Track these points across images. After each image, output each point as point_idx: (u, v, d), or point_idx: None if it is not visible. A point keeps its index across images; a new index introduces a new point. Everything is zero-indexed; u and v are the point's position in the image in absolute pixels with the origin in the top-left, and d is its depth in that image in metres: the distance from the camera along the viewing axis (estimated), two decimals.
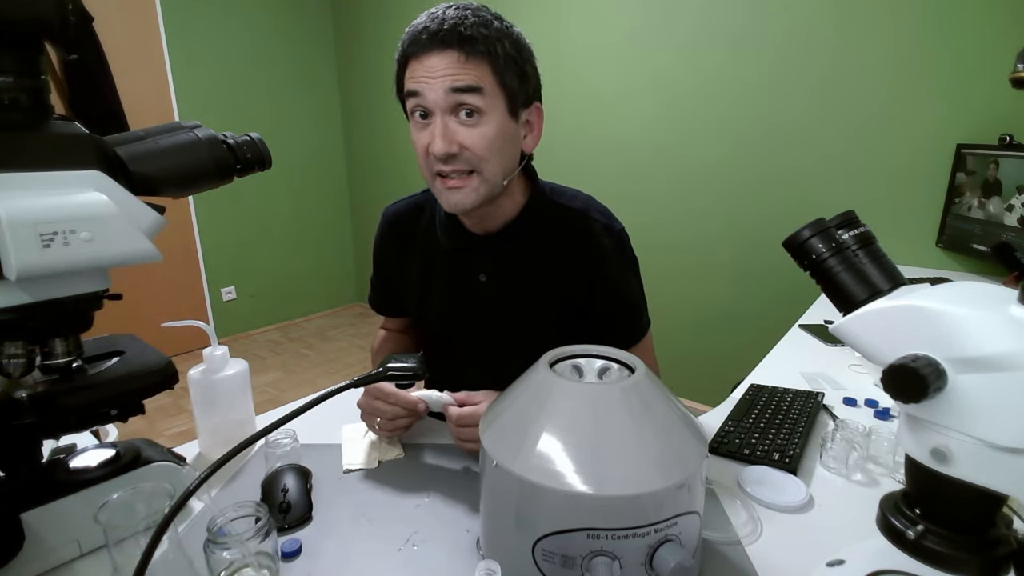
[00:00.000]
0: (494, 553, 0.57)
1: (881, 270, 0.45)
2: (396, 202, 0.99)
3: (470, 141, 0.75)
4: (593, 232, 0.89)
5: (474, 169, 0.77)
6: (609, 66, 2.59)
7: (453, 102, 0.74)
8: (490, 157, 0.77)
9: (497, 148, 0.77)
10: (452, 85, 0.73)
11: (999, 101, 1.75)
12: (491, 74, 0.75)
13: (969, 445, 0.38)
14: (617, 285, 0.92)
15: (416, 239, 0.95)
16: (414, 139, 0.80)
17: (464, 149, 0.76)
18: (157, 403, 2.64)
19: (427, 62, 0.74)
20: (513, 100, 0.78)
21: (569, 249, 0.89)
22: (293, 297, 3.99)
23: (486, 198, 0.80)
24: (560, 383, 0.55)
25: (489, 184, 0.79)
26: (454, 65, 0.73)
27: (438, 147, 0.75)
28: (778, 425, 0.88)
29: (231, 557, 0.52)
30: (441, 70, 0.73)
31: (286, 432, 0.75)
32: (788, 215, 2.23)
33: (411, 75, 0.76)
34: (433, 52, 0.73)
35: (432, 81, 0.73)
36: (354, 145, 4.06)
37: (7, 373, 0.54)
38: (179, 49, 3.20)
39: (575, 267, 0.89)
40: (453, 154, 0.75)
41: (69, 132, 0.52)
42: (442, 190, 0.79)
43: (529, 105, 0.82)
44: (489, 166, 0.77)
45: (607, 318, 0.92)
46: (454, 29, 0.73)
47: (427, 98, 0.74)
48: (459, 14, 0.74)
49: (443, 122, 0.75)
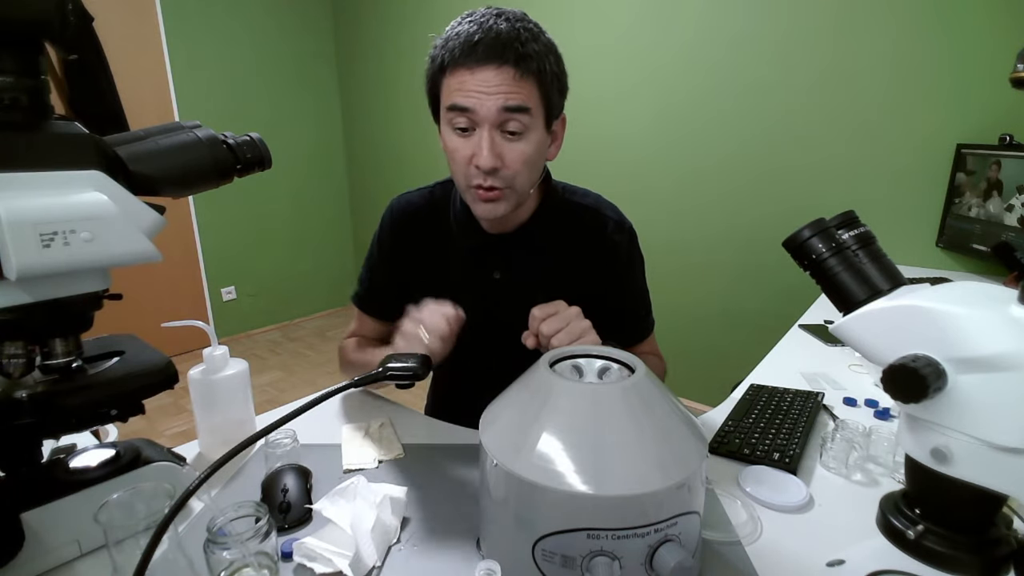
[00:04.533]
0: (494, 553, 0.57)
1: (881, 270, 0.45)
2: (406, 193, 0.98)
3: (510, 158, 0.76)
4: (606, 229, 0.91)
5: (509, 185, 0.78)
6: (609, 66, 2.59)
7: (502, 119, 0.74)
8: (525, 172, 0.78)
9: (532, 163, 0.79)
10: (505, 104, 0.73)
11: (999, 101, 1.75)
12: (538, 93, 0.75)
13: (969, 445, 0.38)
14: (629, 281, 0.95)
15: (427, 232, 0.94)
16: (451, 146, 0.78)
17: (503, 166, 0.76)
18: (157, 403, 2.64)
19: (480, 75, 0.72)
20: (550, 115, 0.79)
21: (583, 245, 0.90)
22: (293, 297, 3.99)
23: (515, 208, 0.82)
24: (560, 383, 0.55)
25: (519, 195, 0.81)
26: (508, 82, 0.73)
27: (486, 161, 0.74)
28: (778, 425, 0.88)
29: (231, 557, 0.52)
30: (495, 86, 0.72)
31: (286, 432, 0.75)
32: (788, 215, 2.23)
33: (459, 86, 0.74)
34: (489, 66, 0.72)
35: (485, 97, 0.73)
36: (354, 145, 4.07)
37: (7, 373, 0.54)
38: (179, 49, 3.20)
39: (589, 263, 0.91)
40: (496, 168, 0.76)
41: (69, 132, 0.52)
42: (476, 200, 0.80)
43: (559, 116, 0.83)
44: (521, 180, 0.79)
45: (617, 313, 0.93)
46: (511, 45, 0.72)
47: (478, 114, 0.74)
48: (512, 28, 0.73)
49: (491, 136, 0.75)
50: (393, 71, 3.58)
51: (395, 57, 3.53)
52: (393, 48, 3.52)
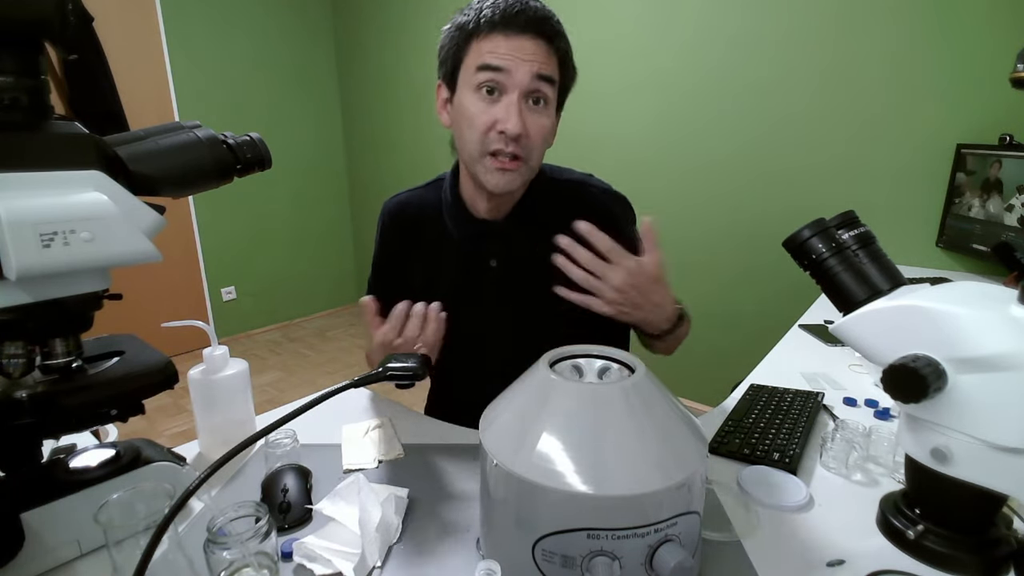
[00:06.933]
0: (494, 553, 0.57)
1: (881, 270, 0.45)
2: (396, 195, 0.99)
3: (533, 129, 0.78)
4: (598, 199, 0.94)
5: (525, 156, 0.79)
6: (610, 63, 2.59)
7: (533, 87, 0.77)
8: (539, 146, 0.81)
9: (544, 139, 0.81)
10: (539, 72, 0.76)
11: (999, 101, 1.75)
12: (558, 69, 0.79)
13: (969, 445, 0.37)
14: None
15: (420, 229, 0.95)
16: (472, 112, 0.78)
17: (526, 135, 0.78)
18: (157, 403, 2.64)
19: (516, 42, 0.75)
20: (561, 99, 0.83)
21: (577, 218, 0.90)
22: (293, 297, 3.99)
23: (525, 183, 0.84)
24: (560, 383, 0.55)
25: (530, 171, 0.82)
26: (543, 53, 0.77)
27: (514, 126, 0.76)
28: (778, 425, 0.88)
29: (231, 557, 0.52)
30: (531, 54, 0.76)
31: (286, 432, 0.75)
32: (788, 215, 2.23)
33: (492, 48, 0.76)
34: (526, 35, 0.75)
35: (520, 62, 0.75)
36: (354, 145, 4.07)
37: (7, 373, 0.54)
38: (179, 49, 3.20)
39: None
40: (519, 135, 0.77)
41: (69, 132, 0.52)
42: (492, 168, 0.80)
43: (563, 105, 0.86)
44: (535, 154, 0.81)
45: None
46: (548, 20, 0.77)
47: (513, 76, 0.76)
48: (541, 5, 0.77)
49: (519, 103, 0.76)
50: (393, 71, 3.58)
51: (395, 57, 3.52)
52: (393, 48, 3.52)
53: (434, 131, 3.42)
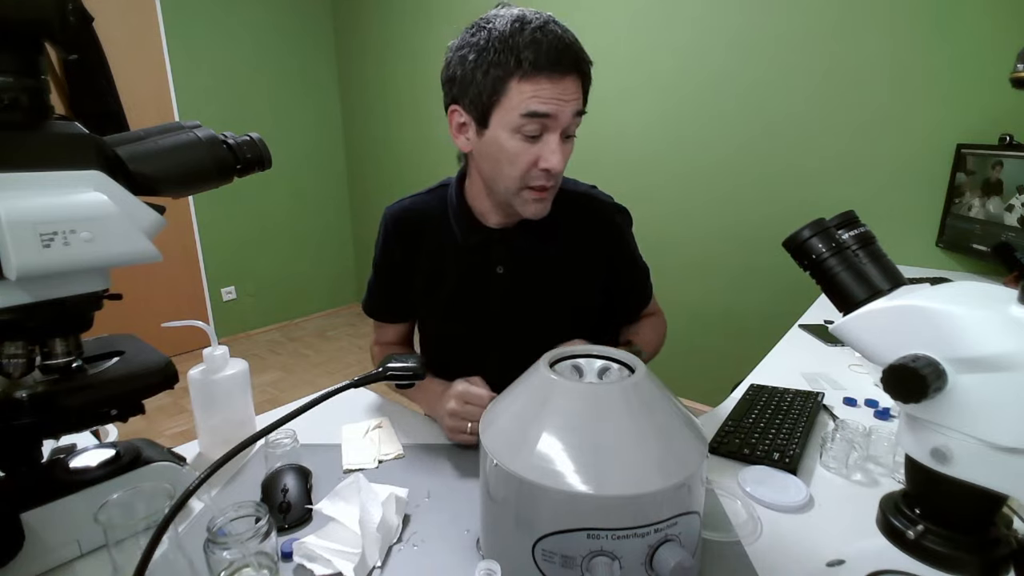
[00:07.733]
0: (494, 553, 0.57)
1: (881, 270, 0.45)
2: (398, 201, 0.99)
3: (566, 159, 0.80)
4: (605, 211, 0.96)
5: (557, 182, 0.83)
6: (610, 64, 2.58)
7: (570, 124, 0.77)
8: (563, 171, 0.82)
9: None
10: (577, 109, 0.77)
11: (999, 101, 1.75)
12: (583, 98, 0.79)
13: (969, 445, 0.37)
14: (634, 257, 1.01)
15: (423, 237, 0.95)
16: (514, 152, 0.77)
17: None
18: (157, 403, 2.65)
19: (562, 85, 0.74)
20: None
21: (585, 230, 0.94)
22: (293, 297, 3.99)
23: None
24: (560, 383, 0.55)
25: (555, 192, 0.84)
26: (579, 90, 0.77)
27: (557, 164, 0.77)
28: (778, 425, 0.88)
29: (231, 557, 0.52)
30: (572, 94, 0.75)
31: (286, 432, 0.75)
32: (788, 215, 2.23)
33: (536, 93, 0.73)
34: (569, 76, 0.75)
35: (565, 104, 0.75)
36: (354, 145, 4.06)
37: (7, 373, 0.54)
38: (179, 49, 3.20)
39: (592, 245, 0.94)
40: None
41: (69, 132, 0.52)
42: (530, 200, 0.82)
43: None
44: (560, 178, 0.83)
45: (627, 285, 1.01)
46: (580, 54, 0.76)
47: (559, 121, 0.76)
48: (568, 34, 0.75)
49: (560, 140, 0.77)
50: (393, 71, 3.58)
51: (395, 57, 3.52)
52: (393, 48, 3.52)
53: (434, 131, 3.43)
